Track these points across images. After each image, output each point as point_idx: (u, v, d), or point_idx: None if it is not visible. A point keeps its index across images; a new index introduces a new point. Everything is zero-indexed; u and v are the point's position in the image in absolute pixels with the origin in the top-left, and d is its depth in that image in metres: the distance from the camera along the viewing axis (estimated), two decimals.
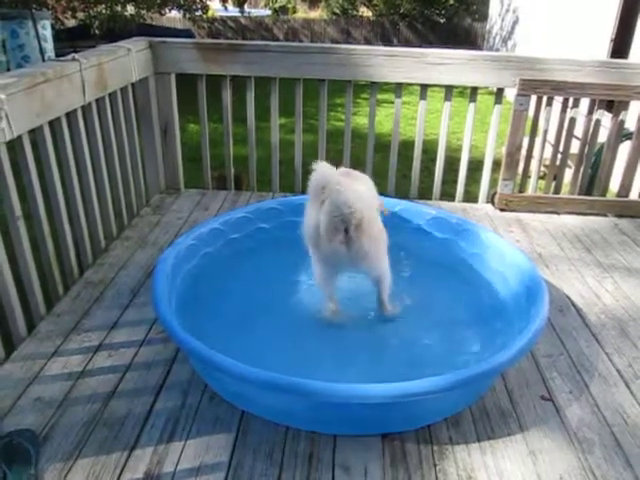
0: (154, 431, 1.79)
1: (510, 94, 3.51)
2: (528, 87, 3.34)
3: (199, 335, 1.83)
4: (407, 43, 19.06)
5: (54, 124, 2.47)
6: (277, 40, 19.46)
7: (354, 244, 1.99)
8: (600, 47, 7.44)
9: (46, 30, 7.68)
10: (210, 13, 15.25)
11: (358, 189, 2.09)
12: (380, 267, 2.16)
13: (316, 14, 24.29)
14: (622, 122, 3.45)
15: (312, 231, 1.99)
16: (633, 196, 3.64)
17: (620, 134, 3.51)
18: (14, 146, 2.21)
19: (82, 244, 2.74)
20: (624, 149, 3.57)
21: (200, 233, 2.63)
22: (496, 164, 3.69)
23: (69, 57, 2.61)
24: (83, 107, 2.68)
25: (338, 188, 1.92)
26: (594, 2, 7.96)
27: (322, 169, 2.00)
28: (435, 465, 1.71)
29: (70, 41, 9.79)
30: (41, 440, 1.72)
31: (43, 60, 7.23)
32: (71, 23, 11.51)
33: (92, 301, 2.47)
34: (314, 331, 2.31)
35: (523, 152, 3.61)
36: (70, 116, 2.59)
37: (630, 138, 3.55)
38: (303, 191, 3.67)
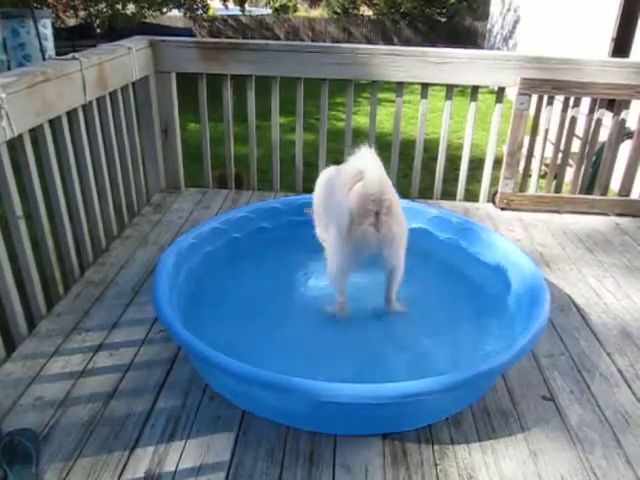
0: (155, 431, 1.78)
1: (511, 93, 3.50)
2: (529, 86, 3.33)
3: (200, 334, 1.83)
4: (408, 42, 19.03)
5: (55, 123, 2.47)
6: (278, 39, 19.46)
7: (383, 227, 2.03)
8: (601, 46, 7.44)
9: (47, 29, 7.68)
10: (211, 12, 15.26)
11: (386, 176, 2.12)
12: (400, 255, 2.18)
13: (317, 13, 24.27)
14: (623, 121, 3.45)
15: (343, 213, 1.99)
16: (634, 195, 3.64)
17: (621, 133, 3.50)
18: (14, 145, 2.20)
19: (83, 243, 2.74)
20: (625, 148, 3.57)
21: (201, 232, 2.63)
22: (497, 163, 3.68)
23: (69, 56, 2.61)
24: (84, 106, 2.67)
25: (375, 172, 1.98)
26: (595, 1, 7.95)
27: (363, 154, 2.05)
28: (436, 465, 1.71)
29: (71, 40, 9.80)
30: (42, 439, 1.72)
31: (44, 59, 7.23)
32: (72, 22, 11.53)
33: (93, 300, 2.47)
34: (317, 329, 2.30)
35: (524, 151, 3.61)
36: (71, 115, 2.59)
37: (631, 137, 3.55)
38: (304, 190, 3.70)
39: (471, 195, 3.89)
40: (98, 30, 10.59)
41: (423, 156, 3.70)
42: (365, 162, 2.01)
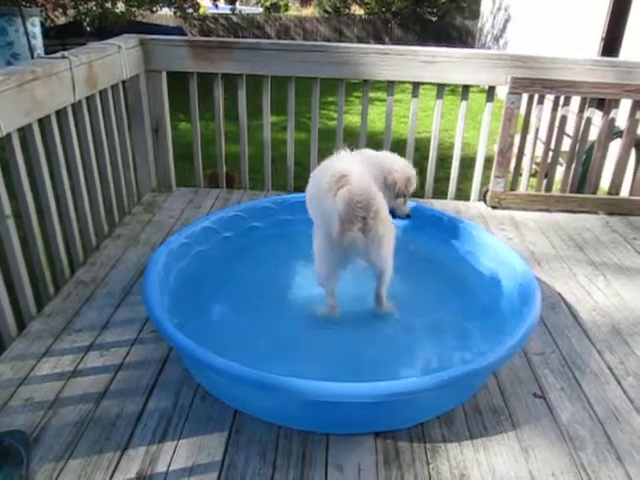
0: (146, 431, 1.78)
1: (502, 92, 3.51)
2: (519, 85, 3.35)
3: (191, 334, 1.83)
4: (399, 41, 19.06)
5: (44, 122, 2.45)
6: (269, 38, 19.43)
7: (370, 231, 2.04)
8: (591, 45, 7.48)
9: (35, 27, 7.62)
10: (202, 11, 15.19)
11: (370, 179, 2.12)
12: (387, 258, 2.18)
13: (308, 12, 24.25)
14: (613, 120, 3.47)
15: (334, 221, 1.98)
16: (624, 194, 3.66)
17: (611, 132, 3.52)
18: (3, 145, 2.19)
19: (73, 243, 2.72)
20: (615, 147, 3.59)
21: (192, 231, 2.62)
22: (488, 162, 3.69)
23: (59, 55, 2.59)
24: (73, 105, 2.66)
25: (360, 176, 1.98)
26: (585, 1, 7.99)
27: (343, 158, 2.05)
28: (428, 463, 1.71)
29: (60, 39, 9.72)
30: (32, 441, 1.71)
31: (32, 57, 7.18)
32: (61, 20, 11.44)
33: (83, 300, 2.45)
34: (308, 328, 2.30)
35: (515, 150, 3.62)
36: (60, 114, 2.57)
37: (620, 136, 3.57)
38: (296, 189, 3.69)
39: (462, 194, 3.90)
40: (88, 29, 10.51)
41: (414, 155, 3.70)
42: (348, 166, 2.00)
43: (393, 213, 2.53)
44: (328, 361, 2.09)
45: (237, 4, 17.69)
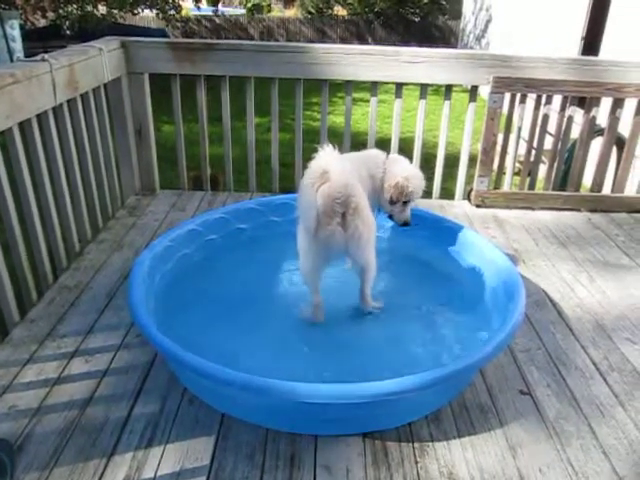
0: (133, 436, 1.76)
1: (484, 92, 3.54)
2: (502, 85, 3.37)
3: (177, 338, 1.81)
4: (382, 42, 19.10)
5: (24, 126, 2.42)
6: (252, 39, 19.38)
7: (349, 227, 2.05)
8: (572, 45, 7.56)
9: (14, 30, 7.53)
10: (184, 12, 15.12)
11: (352, 175, 2.12)
12: (369, 254, 2.19)
13: (291, 13, 24.23)
14: (594, 118, 3.51)
15: (311, 215, 1.99)
16: (606, 191, 3.71)
17: (592, 130, 3.56)
18: None
19: (56, 248, 2.69)
20: (596, 145, 3.63)
21: (177, 234, 2.60)
22: (472, 161, 3.72)
23: (39, 57, 2.56)
24: (54, 108, 2.63)
25: (341, 172, 1.99)
26: (565, 1, 8.08)
27: (326, 153, 2.05)
28: (416, 462, 1.72)
29: (41, 41, 9.60)
30: (16, 449, 1.69)
31: (11, 61, 7.09)
32: (42, 23, 11.31)
33: (67, 306, 2.43)
34: (294, 329, 2.30)
35: (498, 149, 3.65)
36: (41, 117, 2.54)
37: (602, 134, 3.62)
38: (281, 190, 3.69)
39: (447, 193, 3.92)
40: (67, 32, 10.39)
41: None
42: (330, 162, 2.01)
43: (391, 218, 2.55)
44: (315, 361, 2.09)
45: (219, 5, 17.60)
